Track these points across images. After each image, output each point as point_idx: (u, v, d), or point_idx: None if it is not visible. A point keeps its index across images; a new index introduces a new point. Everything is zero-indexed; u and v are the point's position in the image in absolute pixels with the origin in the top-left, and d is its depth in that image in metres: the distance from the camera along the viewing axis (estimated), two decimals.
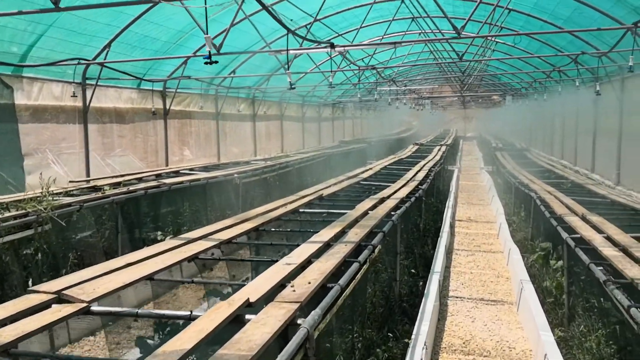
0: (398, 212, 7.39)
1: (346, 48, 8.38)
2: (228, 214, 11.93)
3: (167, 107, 16.61)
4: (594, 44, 15.35)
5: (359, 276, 4.36)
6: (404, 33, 18.62)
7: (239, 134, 21.57)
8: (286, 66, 10.06)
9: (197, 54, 14.27)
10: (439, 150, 25.02)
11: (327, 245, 5.18)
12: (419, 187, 10.92)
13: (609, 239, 6.40)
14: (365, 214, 7.10)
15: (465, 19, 9.22)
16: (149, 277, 4.17)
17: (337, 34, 18.37)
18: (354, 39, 14.18)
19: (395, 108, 25.78)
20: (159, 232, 10.21)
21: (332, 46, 8.00)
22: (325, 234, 5.57)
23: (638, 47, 10.60)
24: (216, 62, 7.18)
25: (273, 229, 6.46)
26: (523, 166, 19.56)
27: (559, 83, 21.46)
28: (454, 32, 7.86)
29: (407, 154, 22.67)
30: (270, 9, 13.96)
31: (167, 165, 16.27)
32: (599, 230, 6.83)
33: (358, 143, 29.92)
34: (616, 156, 16.31)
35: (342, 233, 5.81)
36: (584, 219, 7.75)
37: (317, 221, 7.09)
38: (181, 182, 10.57)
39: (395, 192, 9.57)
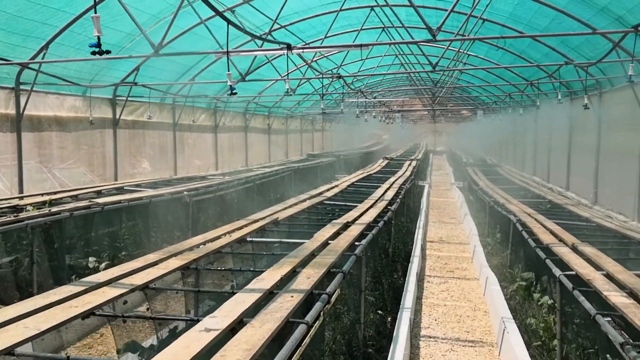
0: (363, 242, 6.30)
1: (304, 50, 7.32)
2: (177, 237, 10.72)
3: (117, 116, 15.29)
4: (571, 56, 14.64)
5: (305, 343, 3.24)
6: (374, 44, 17.95)
7: (199, 146, 20.31)
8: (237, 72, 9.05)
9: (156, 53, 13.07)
10: (410, 165, 24.13)
11: (269, 294, 4.05)
12: (388, 207, 9.88)
13: (609, 277, 5.41)
14: (324, 244, 5.99)
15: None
16: (9, 352, 2.97)
17: (304, 43, 17.50)
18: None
19: (364, 121, 24.77)
20: (92, 259, 8.91)
21: (289, 47, 6.92)
22: (270, 277, 4.43)
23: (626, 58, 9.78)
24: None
25: (207, 267, 5.29)
26: (496, 183, 18.74)
27: (530, 98, 20.85)
28: (429, 35, 6.85)
29: (376, 169, 21.70)
30: (230, 12, 13.19)
31: (116, 179, 14.94)
32: (596, 266, 5.85)
33: (326, 156, 28.89)
34: (593, 174, 15.58)
35: (293, 273, 4.69)
36: (574, 249, 6.78)
37: (264, 255, 5.96)
38: (118, 202, 9.29)
39: (361, 214, 8.49)
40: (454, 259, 12.35)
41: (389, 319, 7.93)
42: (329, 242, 6.16)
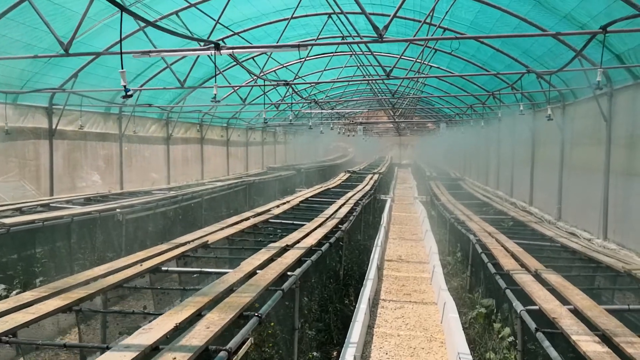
0: (297, 271, 5.42)
1: (234, 51, 6.45)
2: (109, 258, 9.69)
3: (54, 126, 14.14)
4: (533, 67, 14.12)
5: None
6: (332, 54, 17.40)
7: (149, 158, 19.19)
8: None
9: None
10: (371, 178, 23.45)
11: (152, 351, 3.13)
12: (339, 227, 9.04)
13: (577, 313, 4.66)
14: (250, 275, 5.10)
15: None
16: None
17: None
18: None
19: (320, 133, 24.01)
20: (1, 286, 7.83)
21: (217, 47, 6.05)
22: (161, 325, 3.52)
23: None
24: None
25: (92, 309, 4.34)
26: (458, 198, 18.16)
27: (492, 110, 20.41)
28: (378, 38, 6.10)
29: (336, 183, 20.92)
30: (176, 16, 12.35)
31: (52, 194, 13.77)
32: (562, 299, 5.10)
33: (287, 170, 28.01)
34: (557, 189, 15.05)
35: (196, 317, 3.78)
36: (537, 276, 6.03)
37: (171, 291, 5.03)
38: (30, 222, 8.21)
39: (305, 236, 7.63)
40: (412, 280, 11.57)
41: (334, 353, 7.07)
42: (257, 271, 5.27)
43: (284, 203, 11.97)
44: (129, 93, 4.37)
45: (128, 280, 4.82)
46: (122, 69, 4.50)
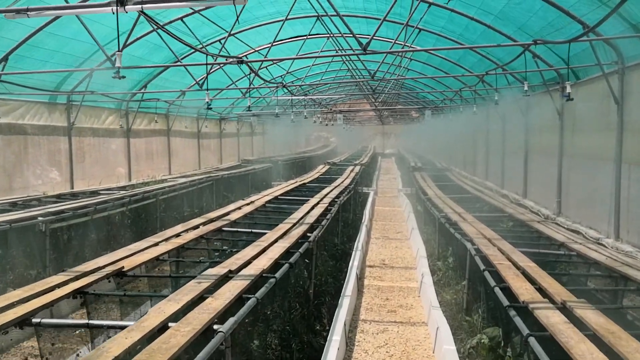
0: (226, 326, 3.72)
1: (144, 6, 4.69)
2: (32, 277, 7.96)
3: None
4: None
5: None
6: (319, 52, 16.63)
7: (105, 153, 17.32)
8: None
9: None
10: (352, 171, 21.82)
11: None
12: (307, 236, 7.36)
13: None
14: (154, 334, 3.40)
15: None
16: None
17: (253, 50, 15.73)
18: (267, 54, 13.11)
19: (291, 121, 22.40)
20: None
21: (122, 3, 4.33)
22: None
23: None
24: None
25: None
26: (446, 191, 16.58)
27: (481, 96, 18.87)
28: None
29: (314, 177, 19.26)
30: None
31: None
32: (613, 355, 3.47)
33: (262, 162, 26.24)
34: (556, 181, 13.51)
35: None
36: (568, 313, 4.41)
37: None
38: None
39: (260, 253, 5.96)
40: (398, 291, 9.96)
41: None
42: (169, 324, 3.58)
43: (248, 204, 10.27)
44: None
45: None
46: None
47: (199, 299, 4.29)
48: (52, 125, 14.71)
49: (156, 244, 6.24)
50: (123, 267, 5.10)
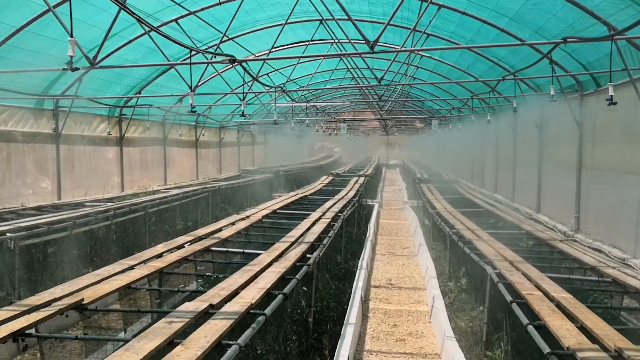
0: None
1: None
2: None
3: None
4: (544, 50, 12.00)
5: None
6: (323, 55, 16.06)
7: (96, 162, 16.51)
8: None
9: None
10: (356, 182, 20.97)
11: None
12: (307, 257, 6.50)
13: None
14: None
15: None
16: None
17: (254, 55, 15.30)
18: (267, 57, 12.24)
19: (291, 129, 21.63)
20: None
21: None
22: None
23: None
24: None
25: None
26: (454, 204, 15.71)
27: (490, 105, 18.02)
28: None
29: (316, 188, 18.40)
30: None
31: None
32: None
33: (263, 173, 25.39)
34: (574, 195, 12.62)
35: None
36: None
37: None
38: None
39: (252, 280, 5.07)
40: (407, 315, 9.06)
41: None
42: None
43: (242, 219, 9.39)
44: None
45: None
46: None
47: (168, 345, 3.44)
48: (39, 132, 13.91)
49: (131, 268, 5.37)
50: (83, 300, 4.24)
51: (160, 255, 6.11)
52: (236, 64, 7.99)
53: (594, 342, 3.96)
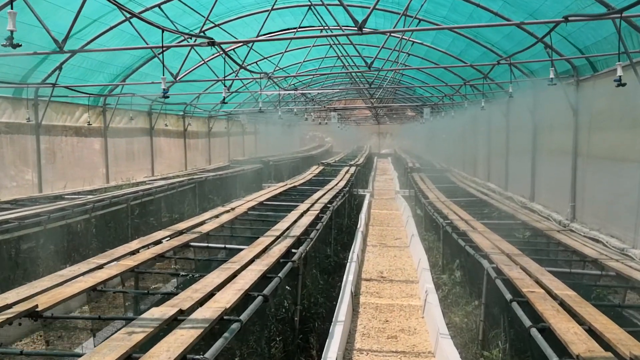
0: None
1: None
2: None
3: None
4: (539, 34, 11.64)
5: None
6: (312, 45, 15.77)
7: (80, 153, 16.02)
8: None
9: None
10: (347, 172, 20.58)
11: None
12: (292, 252, 6.10)
13: None
14: None
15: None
16: None
17: (238, 41, 14.76)
18: (252, 45, 13.05)
19: (278, 118, 21.21)
20: None
21: None
22: None
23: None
24: None
25: None
26: (447, 194, 15.36)
27: (481, 92, 17.63)
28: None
29: (306, 179, 18.00)
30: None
31: None
32: None
33: (253, 163, 24.94)
34: (569, 183, 12.30)
35: None
36: None
37: None
38: None
39: (230, 279, 4.67)
40: (398, 310, 8.71)
41: None
42: None
43: (227, 211, 8.98)
44: None
45: None
46: None
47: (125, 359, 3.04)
48: (18, 122, 13.40)
49: (100, 267, 4.96)
50: (37, 306, 3.82)
51: (134, 252, 5.69)
52: (215, 45, 7.54)
53: (606, 348, 3.58)
